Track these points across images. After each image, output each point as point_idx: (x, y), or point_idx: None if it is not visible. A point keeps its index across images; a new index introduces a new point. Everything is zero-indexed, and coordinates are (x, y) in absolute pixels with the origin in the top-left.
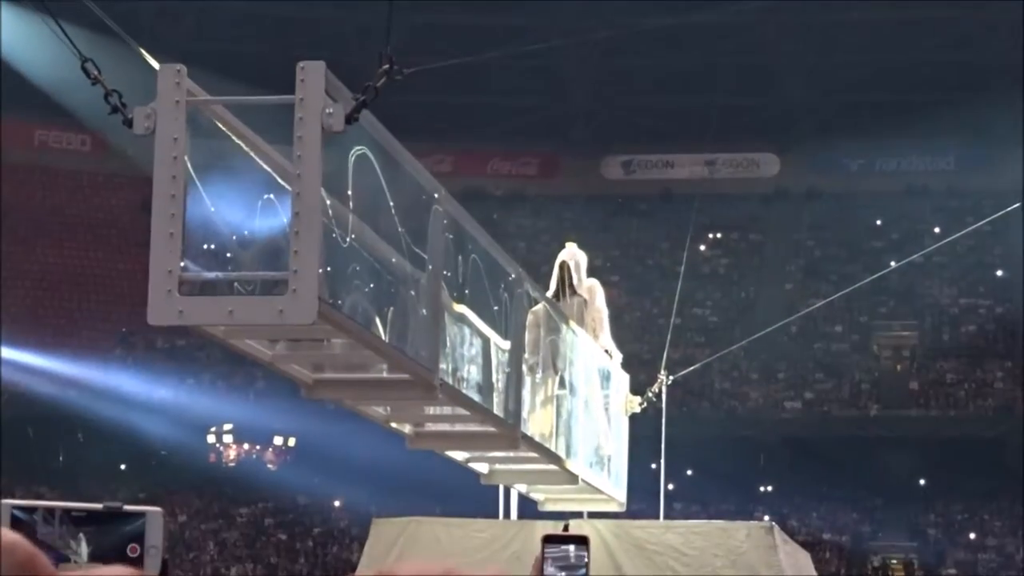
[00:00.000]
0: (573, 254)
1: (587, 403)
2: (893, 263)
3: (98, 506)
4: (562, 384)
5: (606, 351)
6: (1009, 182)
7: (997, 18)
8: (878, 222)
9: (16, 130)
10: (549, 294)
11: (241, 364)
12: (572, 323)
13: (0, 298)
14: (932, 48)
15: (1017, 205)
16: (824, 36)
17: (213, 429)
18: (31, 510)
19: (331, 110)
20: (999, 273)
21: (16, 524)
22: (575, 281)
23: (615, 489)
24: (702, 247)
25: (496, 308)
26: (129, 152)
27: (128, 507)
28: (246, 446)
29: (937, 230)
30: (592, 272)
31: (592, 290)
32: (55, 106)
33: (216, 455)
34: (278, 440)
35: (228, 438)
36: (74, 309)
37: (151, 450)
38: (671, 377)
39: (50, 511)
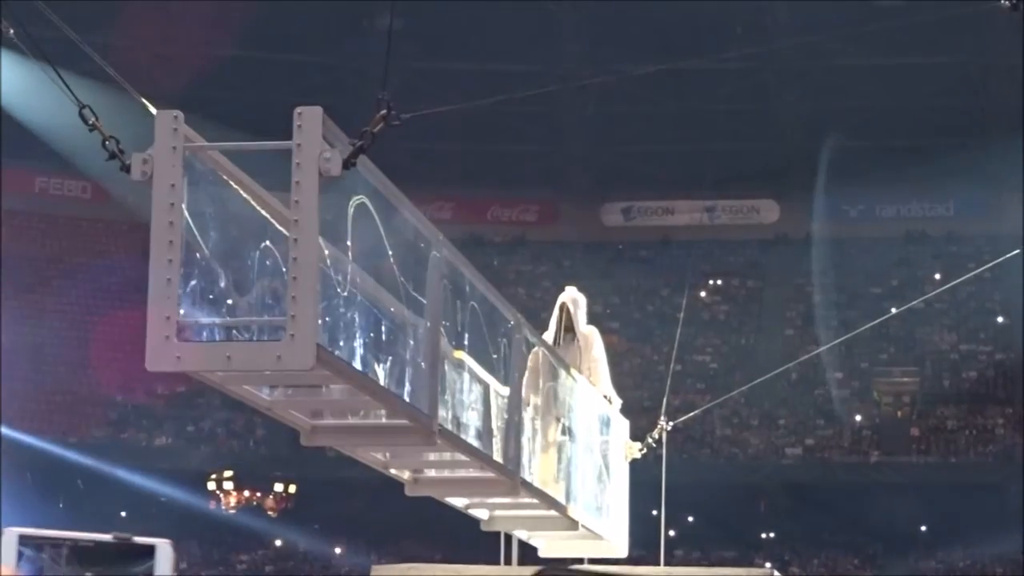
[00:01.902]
0: (574, 297)
1: (587, 449)
2: (893, 309)
3: (107, 537)
4: (562, 430)
5: (606, 397)
6: (1009, 227)
7: (996, 64)
8: (877, 268)
9: (16, 177)
10: (548, 335)
11: (241, 410)
12: (572, 368)
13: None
14: (931, 94)
15: (1017, 251)
16: (823, 82)
17: (213, 476)
18: (39, 543)
19: (328, 155)
20: (999, 319)
21: (24, 560)
22: (575, 323)
23: (616, 535)
24: (702, 293)
25: (495, 354)
26: (129, 199)
27: (138, 539)
28: (246, 493)
29: (937, 276)
30: (592, 319)
31: (589, 338)
32: (55, 153)
33: (216, 502)
34: (278, 487)
35: (228, 485)
36: (74, 357)
37: (151, 497)
38: (671, 423)
39: (57, 545)
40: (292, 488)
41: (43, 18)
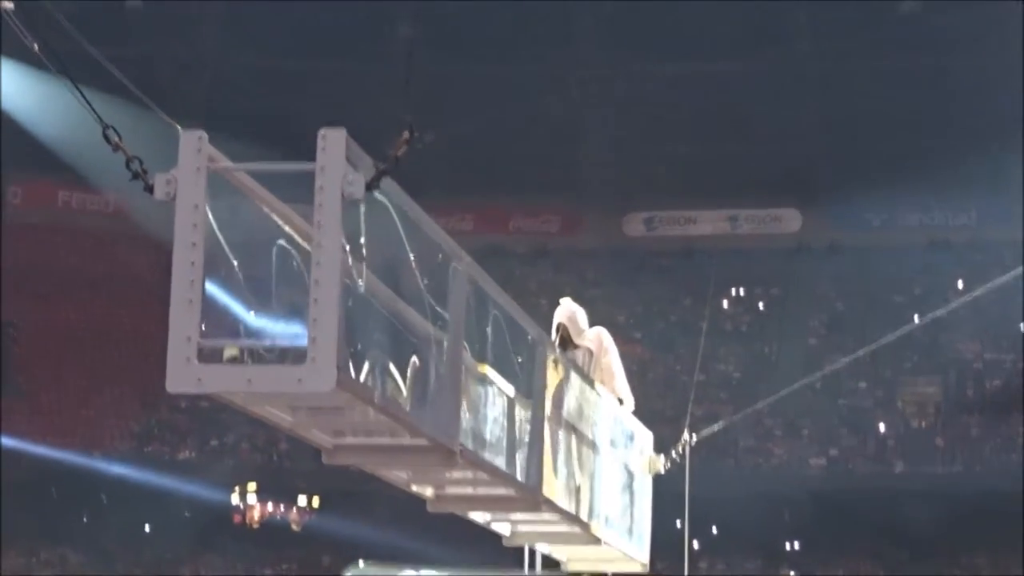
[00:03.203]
0: (568, 311)
1: (610, 463)
2: (916, 318)
3: None
4: (584, 443)
5: (619, 399)
6: None
7: (1019, 68)
8: (901, 276)
9: (40, 190)
10: None
11: (264, 424)
12: (594, 381)
13: (20, 357)
14: (953, 100)
15: None
16: (845, 89)
17: (237, 489)
18: None
19: (351, 178)
20: (1023, 327)
21: None
22: (574, 336)
23: (638, 549)
24: (724, 303)
25: (517, 369)
26: (151, 215)
27: None
28: (270, 506)
29: (960, 284)
30: (614, 329)
31: (599, 337)
32: (78, 167)
33: (240, 515)
34: (302, 500)
35: (252, 498)
36: (97, 369)
37: (175, 511)
38: (695, 437)
39: None
40: (316, 501)
41: (62, 30)
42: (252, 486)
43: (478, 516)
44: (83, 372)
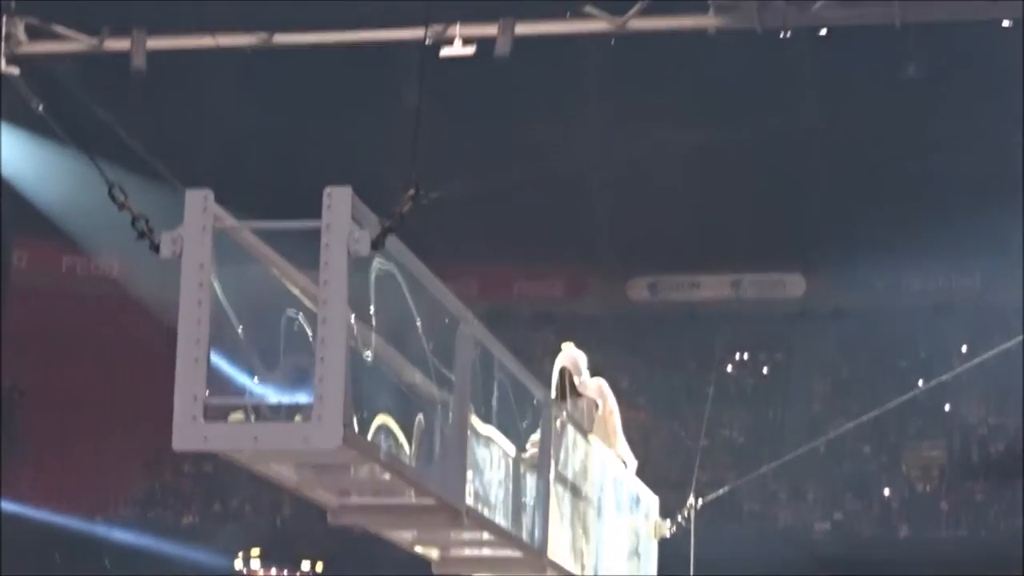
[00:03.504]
0: (572, 357)
1: (616, 526)
2: (921, 382)
3: None
4: (590, 505)
5: (622, 461)
6: None
7: (1020, 137)
8: (905, 341)
9: (44, 255)
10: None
11: (268, 488)
12: (596, 440)
13: (23, 422)
14: (957, 166)
15: None
16: (848, 155)
17: (240, 554)
18: None
19: (357, 235)
20: None
21: None
22: (577, 384)
23: None
24: (729, 368)
25: (522, 430)
26: (154, 277)
27: None
28: (274, 571)
29: (964, 348)
30: (618, 393)
31: (601, 390)
32: (81, 232)
33: None
34: (306, 565)
35: (255, 563)
36: (100, 434)
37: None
38: (700, 501)
39: None
40: (319, 566)
41: (63, 93)
42: (256, 551)
43: None
44: (86, 437)
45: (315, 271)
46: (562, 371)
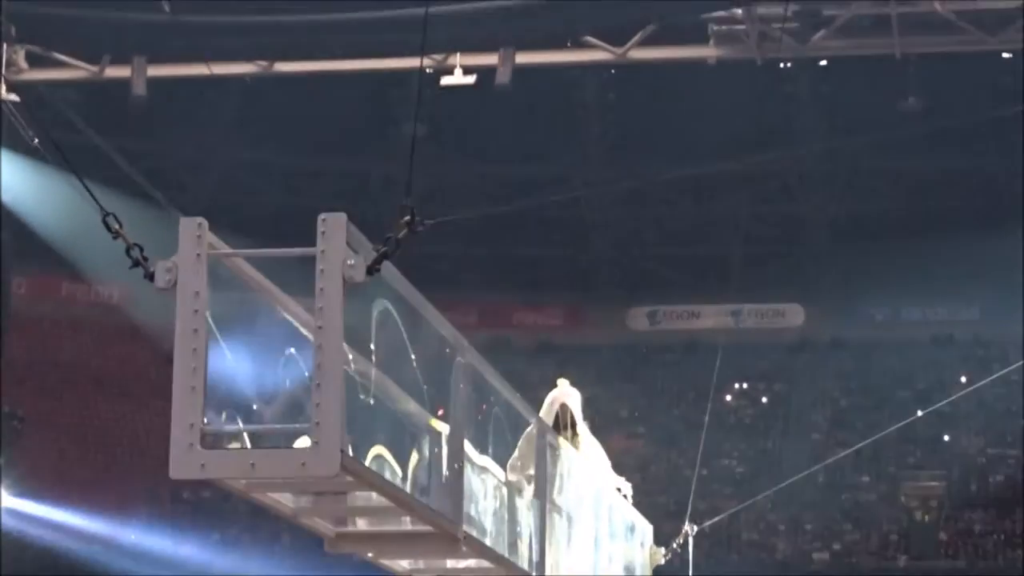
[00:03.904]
0: (575, 396)
1: (610, 553)
2: (919, 412)
3: None
4: (585, 533)
5: (619, 490)
6: None
7: (1020, 168)
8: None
9: (42, 283)
10: None
11: (267, 518)
12: (592, 466)
13: (23, 448)
14: (955, 198)
15: None
16: (847, 186)
17: None
18: None
19: (352, 261)
20: None
21: None
22: (579, 428)
23: None
24: (728, 397)
25: (518, 458)
26: (154, 304)
27: None
28: None
29: (963, 379)
30: (617, 423)
31: (587, 434)
32: (81, 259)
33: None
34: None
35: None
36: (100, 463)
37: None
38: (695, 528)
39: None
40: None
41: (64, 121)
42: None
43: None
44: (85, 464)
45: (311, 298)
46: (563, 407)
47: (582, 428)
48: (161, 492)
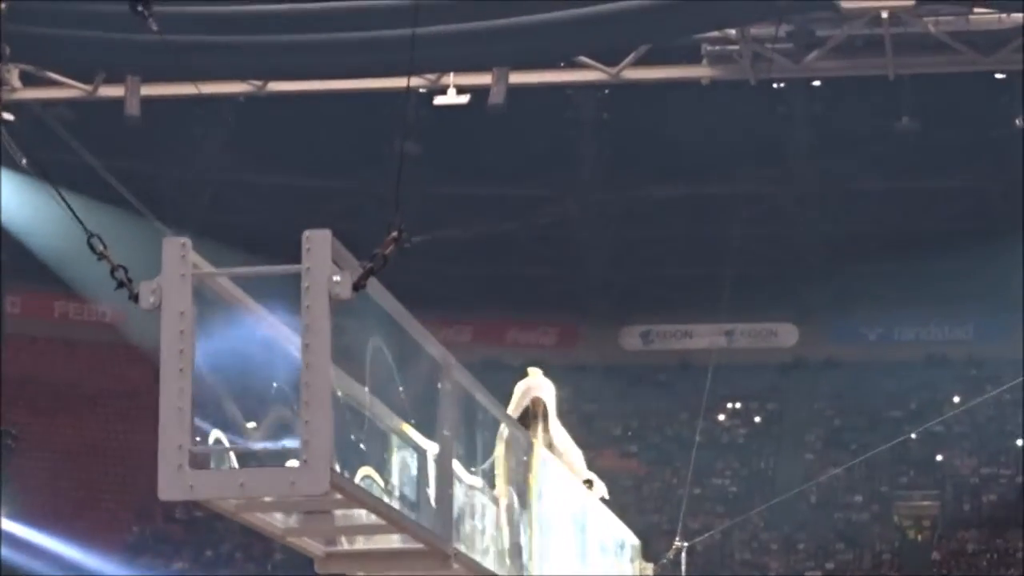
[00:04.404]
0: (550, 388)
1: (600, 568)
2: (913, 435)
3: None
4: (575, 547)
5: (587, 481)
6: None
7: (1014, 188)
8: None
9: (36, 302)
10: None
11: (259, 536)
12: (578, 483)
13: (16, 467)
14: (949, 218)
15: None
16: (840, 205)
17: None
18: None
19: (338, 278)
20: (1020, 442)
21: None
22: (551, 423)
23: None
24: (721, 417)
25: (505, 472)
26: (146, 324)
27: None
28: None
29: (956, 399)
30: (611, 442)
31: (564, 439)
32: (74, 277)
33: None
34: None
35: None
36: (92, 481)
37: None
38: (686, 544)
39: None
40: None
41: (61, 143)
42: None
43: None
44: (78, 482)
45: (297, 317)
46: (535, 400)
47: (555, 424)
48: (153, 510)
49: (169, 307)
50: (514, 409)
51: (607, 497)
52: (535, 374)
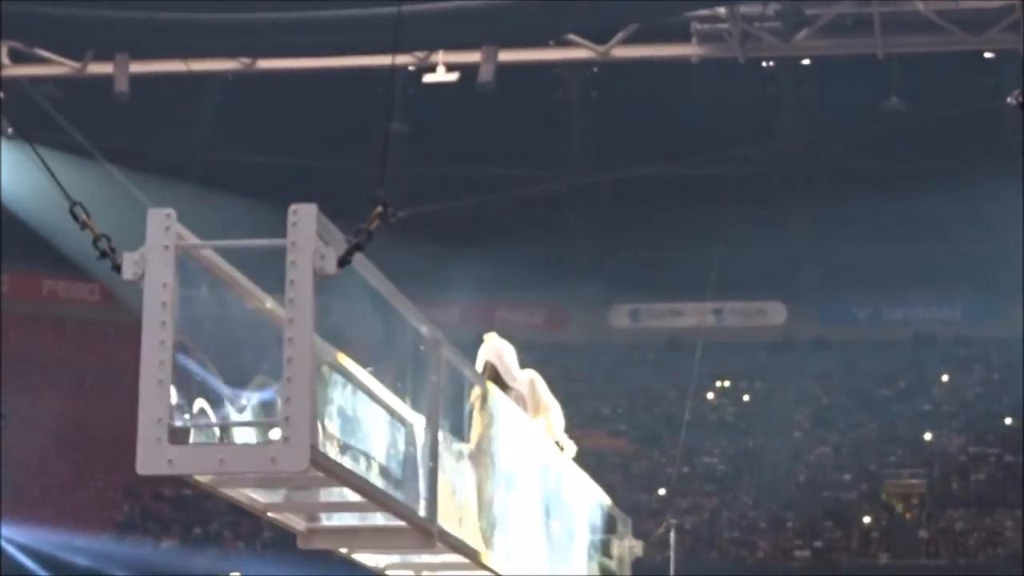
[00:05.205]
0: (496, 349)
1: (587, 546)
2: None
3: None
4: (562, 525)
5: (557, 442)
6: (1017, 331)
7: (1001, 169)
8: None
9: (24, 280)
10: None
11: (248, 514)
12: (565, 459)
13: (4, 445)
14: (936, 199)
15: None
16: (829, 186)
17: None
18: None
19: (324, 253)
20: (1008, 421)
21: None
22: (505, 376)
23: None
24: (710, 395)
25: (495, 451)
26: (134, 300)
27: None
28: None
29: (945, 378)
30: (599, 421)
31: (533, 383)
32: (62, 256)
33: None
34: None
35: None
36: (80, 459)
37: None
38: (675, 521)
39: None
40: None
41: (51, 120)
42: (235, 575)
43: None
44: (67, 461)
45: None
46: (486, 365)
47: (522, 376)
48: (142, 489)
49: (152, 278)
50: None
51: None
52: (490, 339)
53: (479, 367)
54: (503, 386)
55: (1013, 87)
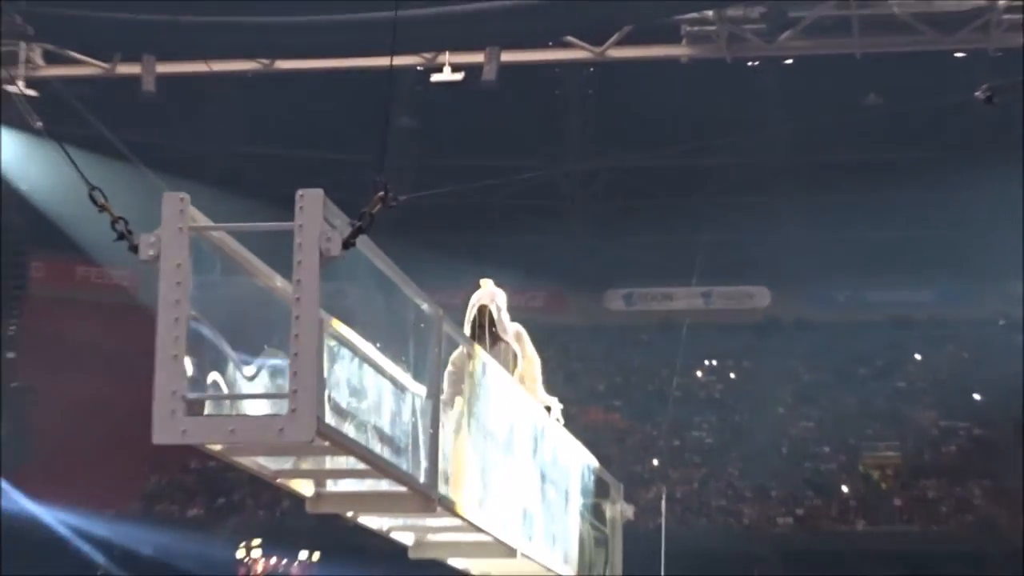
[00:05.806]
0: (492, 294)
1: (580, 511)
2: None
3: None
4: (558, 492)
5: (546, 407)
6: (988, 313)
7: (977, 159)
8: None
9: (58, 267)
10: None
11: (268, 484)
12: (561, 427)
13: (36, 421)
14: (914, 189)
15: None
16: (812, 176)
17: (243, 544)
18: None
19: (329, 236)
20: (977, 397)
21: None
22: (498, 326)
23: None
24: (699, 374)
25: (495, 421)
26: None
27: None
28: (273, 560)
29: (919, 357)
30: (595, 397)
31: (520, 335)
32: (93, 243)
33: (246, 569)
34: (303, 555)
35: (256, 552)
36: (109, 433)
37: (181, 568)
38: (664, 490)
39: None
40: (316, 555)
41: (81, 118)
42: (257, 542)
43: (457, 562)
44: (96, 437)
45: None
46: (481, 309)
47: (511, 329)
48: (169, 461)
49: (167, 259)
50: (468, 327)
51: (560, 419)
52: (485, 284)
53: (473, 310)
54: (494, 336)
55: (981, 83)
